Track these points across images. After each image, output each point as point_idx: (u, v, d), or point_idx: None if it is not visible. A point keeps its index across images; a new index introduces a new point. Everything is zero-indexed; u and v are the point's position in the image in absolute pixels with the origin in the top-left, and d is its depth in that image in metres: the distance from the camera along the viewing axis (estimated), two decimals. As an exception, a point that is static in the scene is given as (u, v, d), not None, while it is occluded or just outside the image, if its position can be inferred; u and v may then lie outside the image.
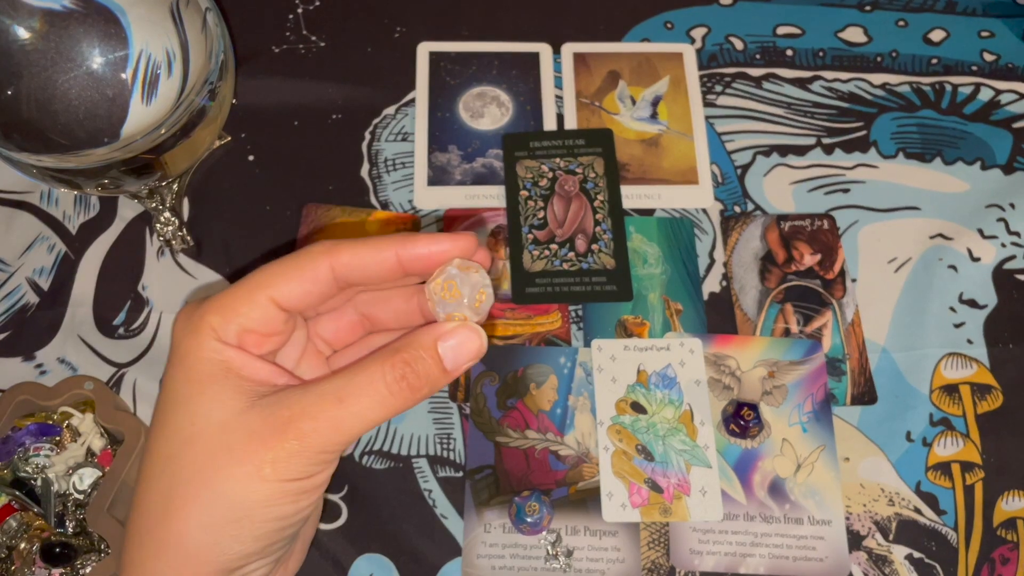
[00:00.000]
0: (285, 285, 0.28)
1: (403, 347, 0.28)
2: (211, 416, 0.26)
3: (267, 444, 0.26)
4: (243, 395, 0.27)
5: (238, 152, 0.54)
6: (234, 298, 0.28)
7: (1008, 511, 0.44)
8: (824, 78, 0.57)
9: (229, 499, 0.26)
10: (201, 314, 0.27)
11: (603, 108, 0.55)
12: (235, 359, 0.27)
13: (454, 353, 0.28)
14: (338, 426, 0.26)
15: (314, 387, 0.27)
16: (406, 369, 0.27)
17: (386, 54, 0.57)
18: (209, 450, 0.26)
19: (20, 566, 0.41)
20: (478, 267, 0.28)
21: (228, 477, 0.26)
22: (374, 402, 0.27)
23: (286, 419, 0.26)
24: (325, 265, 0.28)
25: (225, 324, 0.27)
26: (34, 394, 0.44)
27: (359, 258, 0.28)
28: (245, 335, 0.28)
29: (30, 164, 0.42)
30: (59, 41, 0.39)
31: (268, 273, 0.28)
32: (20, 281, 0.50)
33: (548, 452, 0.45)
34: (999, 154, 0.54)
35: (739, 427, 0.45)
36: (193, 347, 0.27)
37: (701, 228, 0.52)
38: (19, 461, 0.43)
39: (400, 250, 0.28)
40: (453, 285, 0.28)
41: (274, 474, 0.26)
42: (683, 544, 0.43)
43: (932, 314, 0.49)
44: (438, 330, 0.28)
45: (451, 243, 0.29)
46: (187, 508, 0.26)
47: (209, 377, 0.27)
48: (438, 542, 0.44)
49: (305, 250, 0.28)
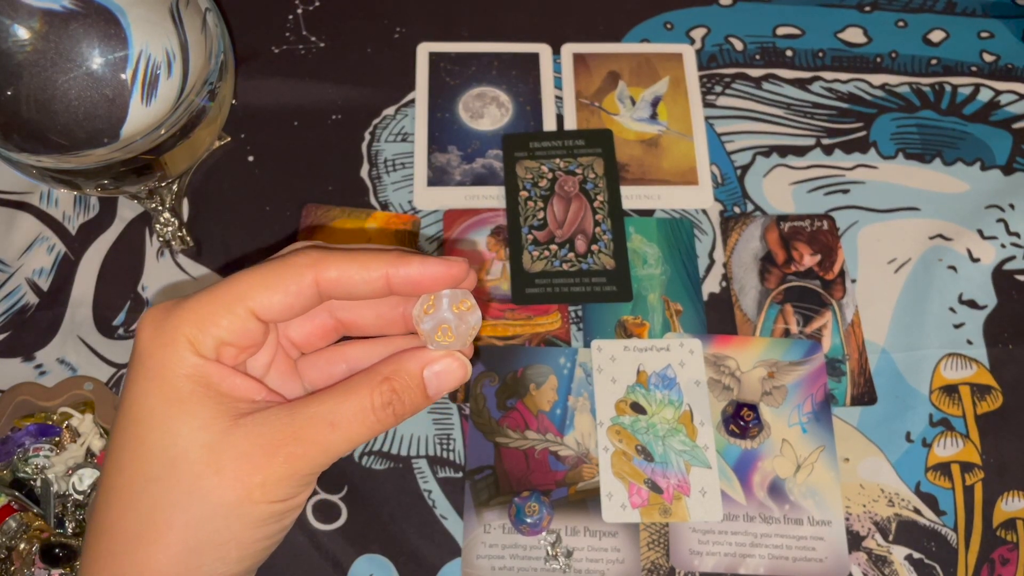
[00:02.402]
0: (266, 296, 0.26)
1: (392, 375, 0.28)
2: (195, 437, 0.25)
3: (257, 467, 0.25)
4: (225, 413, 0.26)
5: (238, 152, 0.54)
6: (211, 308, 0.26)
7: (1008, 511, 0.44)
8: (824, 79, 0.57)
9: (217, 522, 0.25)
10: (176, 324, 0.26)
11: (603, 108, 0.55)
12: (214, 374, 0.26)
13: (438, 380, 0.28)
14: (327, 449, 0.26)
15: (302, 409, 0.26)
16: (393, 396, 0.27)
17: (386, 54, 0.57)
18: (196, 472, 0.25)
19: (20, 567, 0.41)
20: (471, 303, 0.28)
21: (217, 500, 0.25)
22: (363, 427, 0.27)
23: (277, 442, 0.26)
24: (310, 278, 0.27)
25: (202, 336, 0.26)
26: (34, 395, 0.44)
27: (346, 275, 0.27)
28: (222, 348, 0.27)
29: (30, 164, 0.42)
30: (59, 41, 0.39)
31: (247, 282, 0.27)
32: (20, 282, 0.50)
33: (548, 453, 0.45)
34: (999, 154, 0.54)
35: (739, 428, 0.45)
36: (170, 361, 0.26)
37: (701, 229, 0.52)
38: (19, 462, 0.43)
39: (391, 270, 0.27)
40: (448, 329, 0.28)
41: (263, 497, 0.26)
42: (683, 545, 0.43)
43: (932, 315, 0.49)
44: (425, 357, 0.28)
45: (444, 268, 0.28)
46: (173, 532, 0.25)
47: (190, 395, 0.26)
48: (438, 542, 0.44)
49: (289, 259, 0.27)
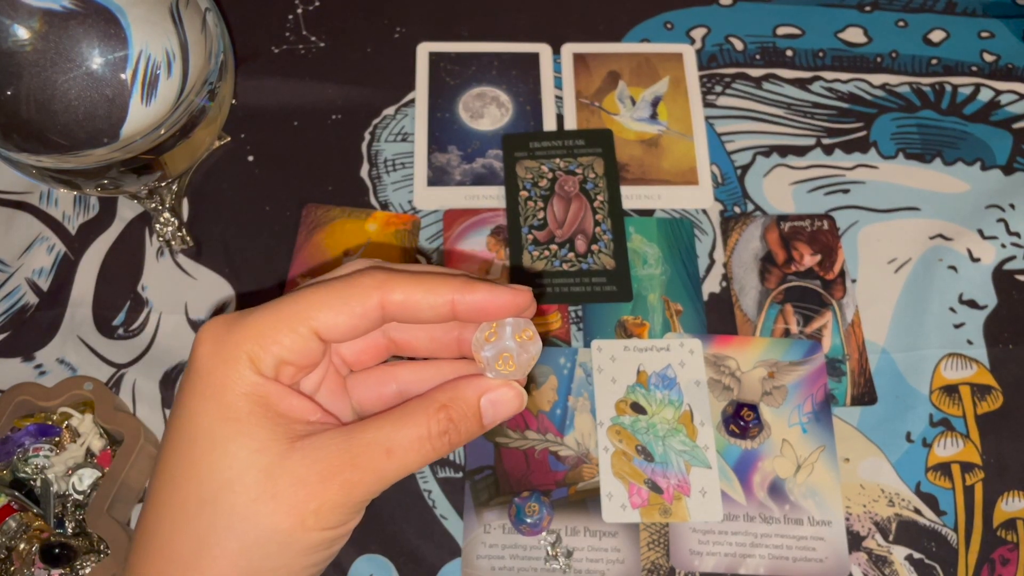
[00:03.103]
0: (331, 316, 0.26)
1: (449, 403, 0.27)
2: (252, 460, 0.25)
3: (313, 494, 0.25)
4: (283, 435, 0.26)
5: (238, 152, 0.54)
6: (274, 325, 0.26)
7: (1008, 512, 0.44)
8: (824, 78, 0.56)
9: (270, 548, 0.25)
10: (236, 341, 0.25)
11: (603, 108, 0.55)
12: (273, 394, 0.26)
13: (495, 410, 0.28)
14: (382, 477, 0.26)
15: (359, 435, 0.26)
16: (450, 425, 0.27)
17: (386, 54, 0.57)
18: (252, 497, 0.25)
19: (20, 567, 0.41)
20: (533, 332, 0.28)
21: (271, 526, 0.25)
22: (419, 455, 0.26)
23: (334, 468, 0.25)
24: (375, 300, 0.26)
25: (264, 354, 0.25)
26: (33, 395, 0.44)
27: (413, 299, 0.26)
28: (282, 367, 0.26)
29: (29, 164, 0.42)
30: (59, 41, 0.39)
31: (311, 300, 0.26)
32: (20, 282, 0.50)
33: (548, 453, 0.45)
34: (999, 154, 0.54)
35: (739, 428, 0.45)
36: (230, 379, 0.25)
37: (701, 229, 0.52)
38: (18, 462, 0.43)
39: (457, 296, 0.27)
40: (509, 358, 0.27)
41: (316, 524, 0.25)
42: (683, 545, 0.43)
43: (932, 315, 0.49)
44: (483, 386, 0.28)
45: (511, 297, 0.27)
46: (226, 556, 0.25)
47: (248, 415, 0.25)
48: (438, 543, 0.44)
49: (355, 279, 0.26)
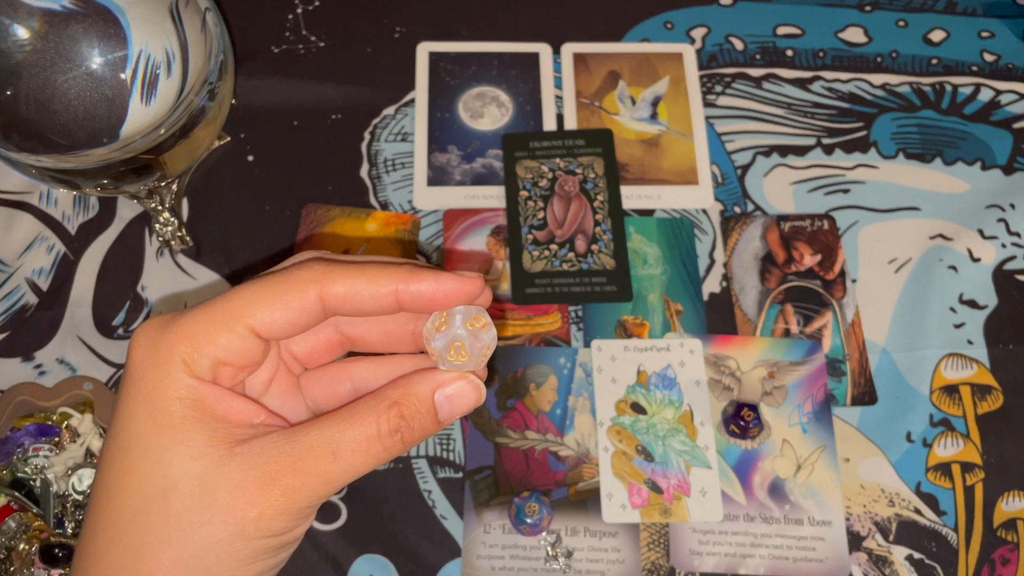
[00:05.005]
0: (268, 313, 0.25)
1: (401, 399, 0.26)
2: (187, 467, 0.24)
3: (252, 501, 0.24)
4: (221, 440, 0.24)
5: (237, 152, 0.54)
6: (208, 325, 0.24)
7: (1008, 512, 0.44)
8: (824, 78, 0.56)
9: (207, 559, 0.24)
10: (169, 343, 0.24)
11: (603, 108, 0.55)
12: (210, 397, 0.24)
13: (451, 405, 0.26)
14: (328, 481, 0.24)
15: (302, 436, 0.25)
16: (401, 423, 0.25)
17: (386, 54, 0.57)
18: (187, 506, 0.24)
19: (19, 567, 0.41)
20: (486, 319, 0.26)
21: (208, 536, 0.24)
22: (369, 456, 0.25)
23: (274, 473, 0.24)
24: (314, 294, 0.25)
25: (198, 356, 0.24)
26: (33, 395, 0.44)
27: (353, 291, 0.25)
28: (219, 368, 0.25)
29: (29, 164, 0.42)
30: (58, 41, 0.38)
31: (247, 297, 0.25)
32: (19, 281, 0.50)
33: (548, 453, 0.45)
34: (999, 154, 0.54)
35: (739, 428, 0.45)
36: (162, 383, 0.24)
37: (701, 228, 0.52)
38: (18, 462, 0.43)
39: (401, 286, 0.26)
40: (461, 347, 0.26)
41: (257, 532, 0.24)
42: (683, 545, 0.43)
43: (932, 315, 0.49)
44: (437, 380, 0.26)
45: (458, 284, 0.26)
46: (161, 569, 0.24)
47: (182, 420, 0.24)
48: (438, 543, 0.44)
49: (292, 274, 0.25)
